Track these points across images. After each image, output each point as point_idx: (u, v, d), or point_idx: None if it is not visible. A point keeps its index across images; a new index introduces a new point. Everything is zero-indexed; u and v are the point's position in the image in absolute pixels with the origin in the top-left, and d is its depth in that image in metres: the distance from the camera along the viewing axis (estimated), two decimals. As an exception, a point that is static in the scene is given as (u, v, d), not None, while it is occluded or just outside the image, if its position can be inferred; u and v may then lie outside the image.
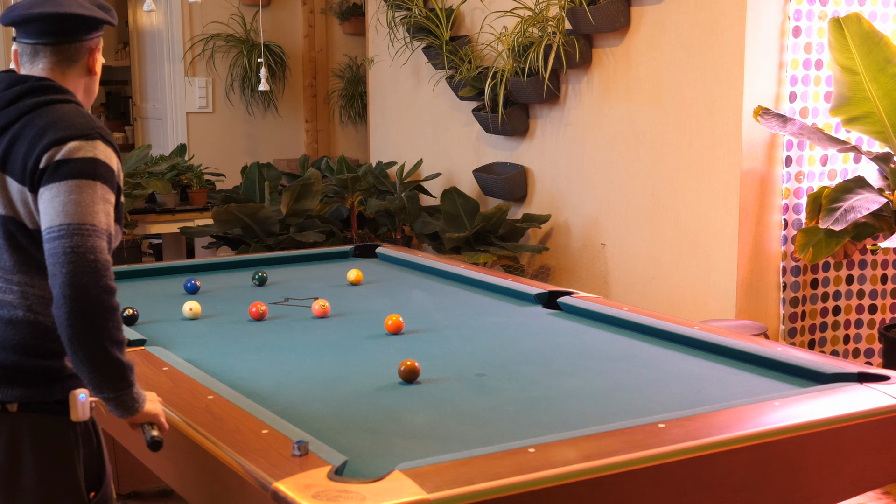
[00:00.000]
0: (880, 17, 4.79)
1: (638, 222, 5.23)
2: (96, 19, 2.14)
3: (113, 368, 1.99)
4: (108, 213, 2.01)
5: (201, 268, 4.32)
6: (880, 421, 2.41)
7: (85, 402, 2.09)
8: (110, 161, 2.04)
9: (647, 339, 3.16)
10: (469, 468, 1.98)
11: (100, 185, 2.00)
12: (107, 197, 2.02)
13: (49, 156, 1.99)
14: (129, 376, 2.04)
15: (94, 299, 1.93)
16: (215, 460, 2.19)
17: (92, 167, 2.00)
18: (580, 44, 5.35)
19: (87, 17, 2.12)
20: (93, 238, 1.95)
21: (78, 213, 1.95)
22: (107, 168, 2.03)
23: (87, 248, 1.93)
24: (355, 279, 3.98)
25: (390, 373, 2.76)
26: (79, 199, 1.97)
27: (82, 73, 2.17)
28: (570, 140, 5.64)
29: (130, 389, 2.05)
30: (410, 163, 6.75)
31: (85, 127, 2.04)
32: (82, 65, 2.16)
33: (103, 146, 2.04)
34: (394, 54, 6.86)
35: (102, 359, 1.96)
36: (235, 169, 7.56)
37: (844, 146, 4.52)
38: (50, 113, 2.06)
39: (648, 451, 2.10)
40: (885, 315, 4.93)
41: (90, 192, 1.98)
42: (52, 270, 1.94)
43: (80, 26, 2.13)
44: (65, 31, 2.12)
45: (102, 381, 2.00)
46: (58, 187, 1.97)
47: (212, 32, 8.00)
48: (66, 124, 2.03)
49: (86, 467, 2.15)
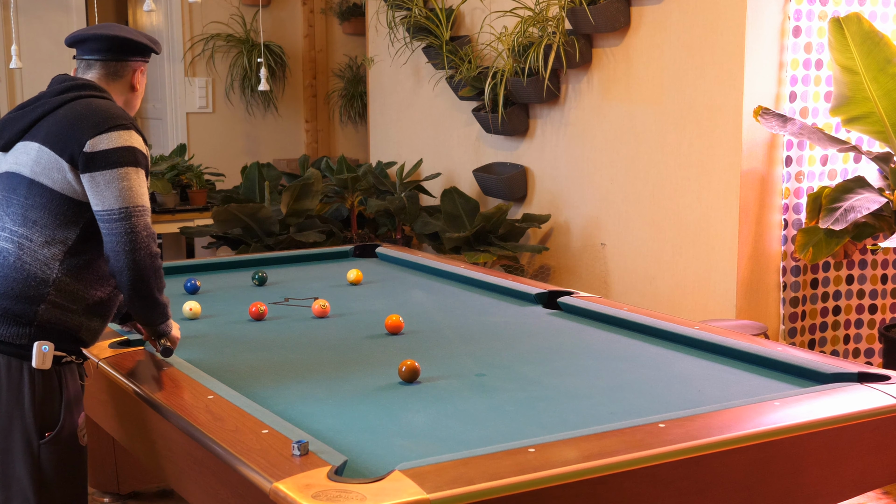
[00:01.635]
0: (880, 17, 4.79)
1: (638, 222, 5.23)
2: (142, 45, 2.64)
3: (160, 308, 2.63)
4: (147, 195, 2.52)
5: (201, 268, 4.32)
6: (880, 421, 2.41)
7: (47, 354, 2.45)
8: (144, 149, 2.54)
9: (647, 339, 3.16)
10: (469, 468, 1.98)
11: (141, 171, 2.50)
12: (145, 181, 2.52)
13: (92, 142, 2.44)
14: (168, 311, 2.68)
15: (149, 266, 2.48)
16: (215, 460, 2.19)
17: (133, 156, 2.48)
18: (580, 44, 5.35)
19: (134, 41, 2.62)
20: (143, 217, 2.47)
21: (131, 198, 2.45)
22: (143, 156, 2.53)
23: (141, 227, 2.46)
24: (355, 279, 3.98)
25: (390, 373, 2.76)
26: (129, 186, 2.45)
27: (125, 88, 2.65)
28: (570, 140, 5.65)
29: (169, 320, 2.71)
30: (410, 163, 6.75)
31: (121, 117, 2.50)
32: (126, 81, 2.64)
33: (137, 136, 2.52)
34: (394, 54, 6.86)
35: (154, 304, 2.58)
36: (235, 169, 7.56)
37: (844, 146, 4.52)
38: (89, 103, 2.51)
39: (648, 451, 2.10)
40: (885, 315, 4.93)
41: (136, 178, 2.48)
42: (114, 246, 2.44)
43: (127, 49, 2.62)
44: (113, 51, 2.61)
45: (154, 318, 2.64)
46: (110, 175, 2.44)
47: (212, 32, 8.00)
48: (106, 116, 2.47)
49: (40, 411, 2.46)
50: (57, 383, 2.49)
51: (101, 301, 2.56)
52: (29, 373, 2.45)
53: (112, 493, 3.92)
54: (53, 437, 2.47)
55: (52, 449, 2.47)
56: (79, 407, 2.55)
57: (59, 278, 2.46)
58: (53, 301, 2.46)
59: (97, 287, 2.53)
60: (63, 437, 2.49)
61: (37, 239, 2.45)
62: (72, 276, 2.48)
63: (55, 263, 2.45)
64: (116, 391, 2.77)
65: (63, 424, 2.48)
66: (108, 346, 2.92)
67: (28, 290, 2.44)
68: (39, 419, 2.46)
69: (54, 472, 2.48)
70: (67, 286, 2.47)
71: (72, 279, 2.48)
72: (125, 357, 2.84)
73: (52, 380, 2.48)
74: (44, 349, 2.44)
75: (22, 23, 7.34)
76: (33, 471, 2.46)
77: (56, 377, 2.48)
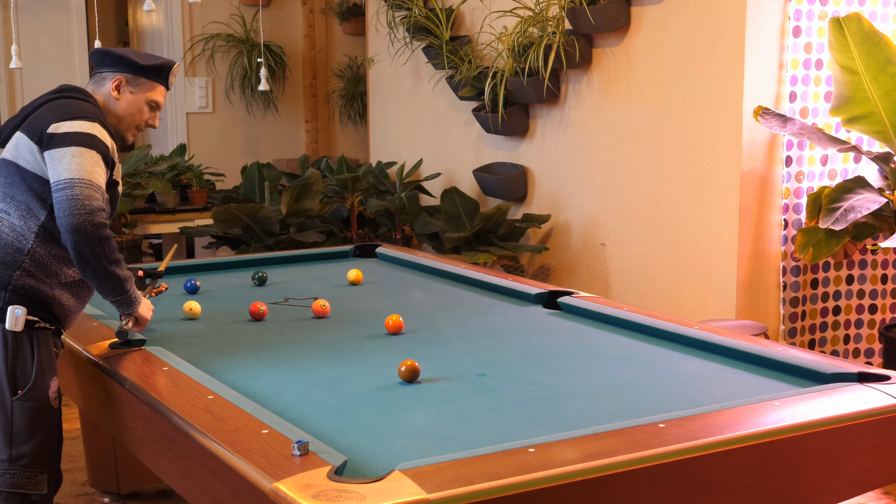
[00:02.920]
0: (880, 17, 4.79)
1: (638, 222, 5.23)
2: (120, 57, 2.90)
3: (112, 280, 2.74)
4: (101, 176, 2.70)
5: (201, 268, 4.32)
6: (880, 421, 2.41)
7: (19, 317, 2.69)
8: (105, 140, 2.77)
9: (647, 339, 3.16)
10: (469, 468, 1.98)
11: (96, 154, 2.71)
12: (101, 164, 2.71)
13: (56, 126, 2.71)
14: (125, 285, 2.78)
15: (91, 232, 2.63)
16: (215, 460, 2.19)
17: (90, 140, 2.72)
18: (580, 44, 5.35)
19: (112, 53, 2.92)
20: (88, 189, 2.65)
21: (77, 171, 2.65)
22: (102, 143, 2.75)
23: (83, 196, 2.63)
24: (355, 279, 3.98)
25: (390, 373, 2.76)
26: (80, 161, 2.67)
27: (107, 97, 2.91)
28: (570, 140, 5.65)
29: (126, 295, 2.81)
30: (410, 163, 6.75)
31: (89, 112, 2.78)
32: (106, 90, 2.91)
33: (100, 128, 2.77)
34: (394, 54, 6.86)
35: (103, 274, 2.71)
36: (235, 169, 7.56)
37: (844, 146, 4.52)
38: (65, 100, 2.82)
39: (648, 451, 2.10)
40: (885, 315, 4.93)
41: (88, 157, 2.69)
42: (58, 213, 2.64)
43: (107, 60, 2.92)
44: (98, 62, 2.95)
45: (106, 290, 2.76)
46: (64, 151, 2.68)
47: (212, 32, 8.00)
48: (74, 109, 2.77)
49: (12, 369, 2.71)
50: (29, 346, 2.73)
51: (75, 281, 2.81)
52: (2, 333, 2.71)
53: (112, 493, 3.92)
54: (25, 395, 2.71)
55: (24, 406, 2.71)
56: (52, 371, 2.78)
57: (34, 248, 2.72)
58: (28, 269, 2.72)
59: (70, 265, 2.78)
60: (34, 397, 2.73)
61: (13, 212, 2.74)
62: (45, 249, 2.73)
63: (31, 235, 2.72)
64: (116, 391, 2.77)
65: (34, 384, 2.72)
66: (108, 346, 2.92)
67: (5, 255, 2.71)
68: (11, 378, 2.71)
69: (25, 428, 2.72)
70: (41, 258, 2.73)
71: (45, 252, 2.74)
72: (125, 357, 2.84)
73: (24, 342, 2.73)
74: (16, 312, 2.70)
75: (22, 23, 7.34)
76: (5, 424, 2.71)
77: (28, 340, 2.73)
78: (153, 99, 2.95)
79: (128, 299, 2.83)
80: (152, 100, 2.95)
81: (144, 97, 2.93)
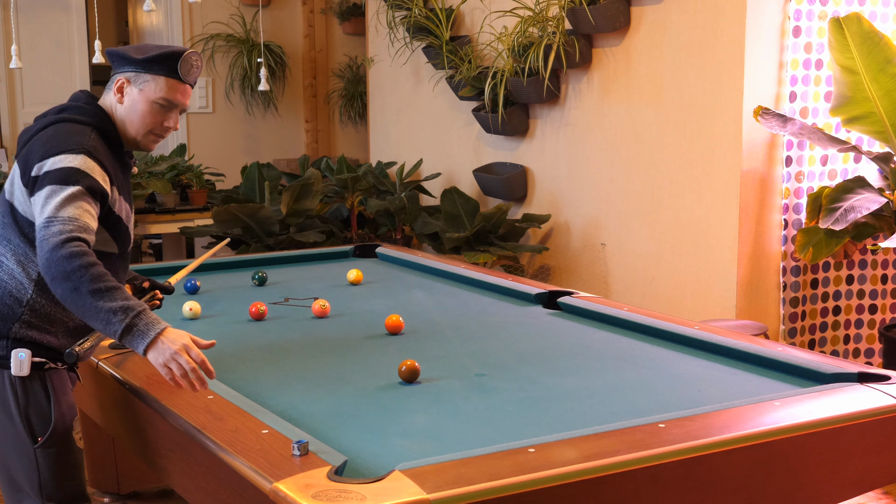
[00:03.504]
0: (880, 17, 4.79)
1: (638, 222, 5.23)
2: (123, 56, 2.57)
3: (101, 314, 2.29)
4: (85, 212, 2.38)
5: (201, 268, 4.31)
6: (880, 421, 2.41)
7: (24, 361, 2.44)
8: (92, 171, 2.43)
9: (647, 339, 3.16)
10: (469, 468, 1.98)
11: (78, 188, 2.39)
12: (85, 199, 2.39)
13: (39, 165, 2.42)
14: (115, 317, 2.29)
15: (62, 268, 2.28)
16: (215, 460, 2.19)
17: (70, 174, 2.39)
18: (580, 44, 5.35)
19: (115, 52, 2.60)
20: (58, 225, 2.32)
21: (52, 210, 2.35)
22: (86, 176, 2.41)
23: (52, 233, 2.31)
24: (355, 279, 3.98)
25: (390, 373, 2.76)
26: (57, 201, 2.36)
27: (114, 99, 2.59)
28: (570, 140, 5.64)
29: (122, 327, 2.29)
30: (410, 163, 6.75)
31: (75, 143, 2.46)
32: (112, 92, 2.59)
33: (86, 159, 2.44)
34: (394, 54, 6.85)
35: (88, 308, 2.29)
36: (235, 169, 7.56)
37: (844, 146, 4.52)
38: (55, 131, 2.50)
39: (648, 451, 2.10)
40: (885, 315, 4.93)
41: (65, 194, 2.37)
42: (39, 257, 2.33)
43: (113, 60, 2.61)
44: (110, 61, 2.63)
45: (97, 325, 2.32)
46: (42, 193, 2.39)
47: (212, 32, 8.00)
48: (60, 141, 2.46)
49: (28, 416, 2.48)
50: (42, 389, 2.49)
51: (82, 324, 2.52)
52: (10, 380, 2.46)
53: (112, 493, 3.92)
54: (46, 441, 2.48)
55: (48, 452, 2.49)
56: (71, 410, 2.54)
57: (34, 298, 2.46)
58: (28, 321, 2.47)
59: None
60: (57, 441, 2.50)
61: (10, 257, 2.48)
62: (46, 297, 2.46)
63: (30, 284, 2.46)
64: (116, 391, 2.77)
65: (55, 428, 2.49)
66: (108, 346, 2.92)
67: (2, 308, 2.46)
68: (28, 425, 2.48)
69: (52, 475, 2.50)
70: (43, 307, 2.47)
71: (47, 300, 2.46)
72: (124, 357, 2.84)
73: (36, 386, 2.48)
74: (20, 356, 2.45)
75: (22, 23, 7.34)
76: (33, 475, 2.49)
77: (40, 382, 2.49)
78: (161, 96, 2.54)
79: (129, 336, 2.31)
80: (160, 97, 2.54)
81: (150, 95, 2.54)
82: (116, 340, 2.32)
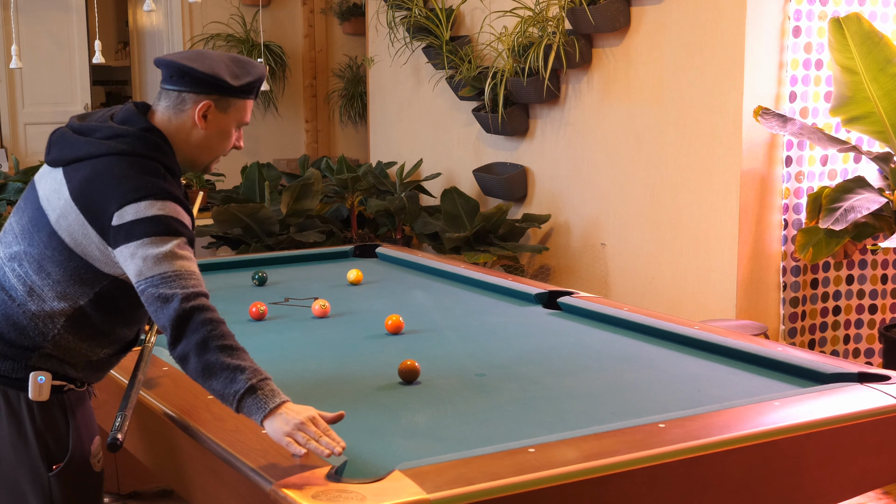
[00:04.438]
0: (880, 17, 4.79)
1: (638, 222, 5.23)
2: (204, 77, 2.29)
3: (227, 371, 2.12)
4: (191, 260, 2.26)
5: (201, 268, 4.30)
6: (880, 421, 2.41)
7: (43, 384, 2.26)
8: (183, 218, 2.26)
9: (647, 339, 3.15)
10: (469, 468, 1.98)
11: (182, 239, 2.24)
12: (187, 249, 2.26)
13: (120, 214, 2.19)
14: (242, 375, 2.11)
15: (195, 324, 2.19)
16: (215, 460, 2.19)
17: (167, 225, 2.21)
18: (580, 44, 5.35)
19: (194, 70, 2.29)
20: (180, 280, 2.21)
21: (162, 264, 2.19)
22: (181, 225, 2.24)
23: (178, 287, 2.21)
24: (355, 279, 3.98)
25: (390, 373, 2.76)
26: (148, 255, 2.18)
27: (189, 123, 2.32)
28: (570, 140, 5.64)
29: (246, 386, 2.10)
30: (410, 163, 6.75)
31: (155, 188, 2.23)
32: (189, 116, 2.31)
33: (169, 203, 2.23)
34: (394, 54, 6.86)
35: (213, 364, 2.13)
36: (235, 169, 7.56)
37: (844, 146, 4.52)
38: (120, 167, 2.24)
39: (648, 451, 2.10)
40: (885, 315, 4.93)
41: (168, 247, 2.21)
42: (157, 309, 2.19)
43: (189, 79, 2.29)
44: (175, 79, 2.31)
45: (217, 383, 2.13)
46: (138, 243, 2.18)
47: (212, 32, 7.99)
48: (135, 184, 2.21)
49: (44, 442, 2.29)
50: (61, 412, 2.32)
51: (106, 357, 2.39)
52: (27, 403, 2.29)
53: (112, 492, 3.92)
54: (63, 469, 2.32)
55: (63, 480, 2.32)
56: (90, 433, 2.39)
57: (59, 335, 2.28)
58: (48, 353, 2.29)
59: (104, 346, 2.36)
60: (74, 468, 2.33)
61: (48, 292, 2.26)
62: (74, 334, 2.29)
63: (60, 319, 2.27)
64: (115, 391, 2.77)
65: (73, 455, 2.33)
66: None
67: (23, 339, 2.27)
68: (45, 451, 2.30)
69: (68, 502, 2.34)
70: (67, 343, 2.29)
71: (74, 337, 2.30)
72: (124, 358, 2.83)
73: (55, 410, 2.31)
74: (39, 380, 2.27)
75: (22, 23, 7.34)
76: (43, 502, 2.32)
77: (59, 405, 2.32)
78: (244, 120, 2.37)
79: (257, 394, 2.11)
80: (243, 120, 2.37)
81: (237, 119, 2.36)
82: (232, 404, 2.11)
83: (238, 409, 2.10)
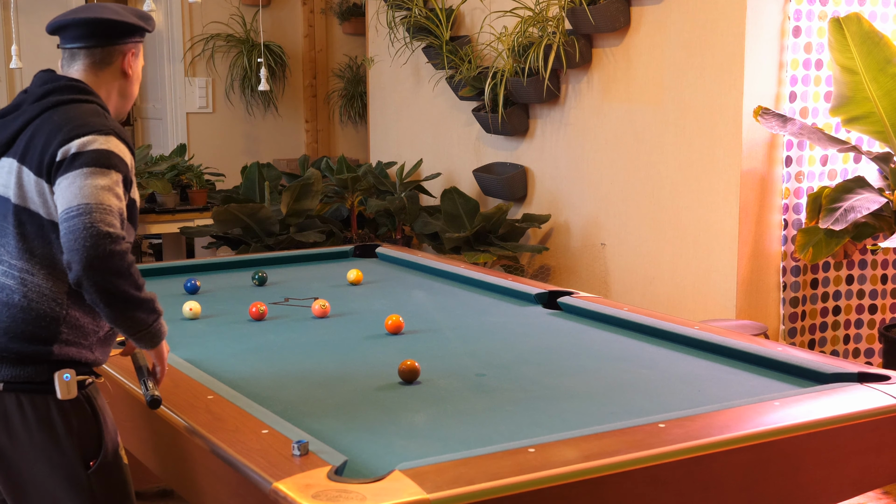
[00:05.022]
0: (880, 17, 4.79)
1: (638, 222, 5.23)
2: (129, 25, 2.32)
3: (145, 305, 2.20)
4: (119, 197, 2.18)
5: (201, 268, 4.32)
6: (880, 421, 2.41)
7: (70, 382, 2.24)
8: (125, 156, 2.23)
9: (647, 339, 3.16)
10: (469, 468, 1.99)
11: (114, 174, 2.18)
12: (120, 187, 2.19)
13: (65, 150, 2.17)
14: (152, 314, 2.23)
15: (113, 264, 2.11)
16: (215, 460, 2.19)
17: (107, 158, 2.18)
18: (580, 44, 5.35)
19: (119, 22, 2.30)
20: (108, 216, 2.12)
21: (94, 195, 2.12)
22: (121, 162, 2.21)
23: (95, 221, 2.10)
24: (355, 279, 3.98)
25: (390, 373, 2.76)
26: (94, 183, 2.14)
27: (116, 75, 2.35)
28: (570, 140, 5.65)
29: (156, 323, 2.25)
30: (410, 163, 6.75)
31: (100, 124, 2.21)
32: (116, 68, 2.34)
33: (116, 141, 2.22)
34: (394, 54, 6.86)
35: (130, 307, 2.17)
36: (235, 169, 7.56)
37: (844, 146, 4.52)
38: (68, 110, 2.24)
39: (648, 451, 2.10)
40: (885, 315, 4.93)
41: (105, 179, 2.16)
42: (71, 245, 2.10)
43: (113, 31, 2.31)
44: (97, 36, 2.31)
45: (131, 327, 2.21)
46: (74, 175, 2.14)
47: (212, 32, 7.99)
48: (82, 122, 2.21)
49: (80, 439, 2.27)
50: (89, 408, 2.30)
51: (110, 332, 2.38)
52: (57, 405, 2.24)
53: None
54: (99, 466, 2.29)
55: (100, 476, 2.30)
56: (114, 425, 2.39)
57: (69, 314, 2.24)
58: (66, 339, 2.25)
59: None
60: (108, 462, 2.32)
61: (38, 272, 2.22)
62: (81, 309, 2.26)
63: (63, 297, 2.23)
64: (115, 391, 2.77)
65: (106, 449, 2.31)
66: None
67: (39, 330, 2.22)
68: (80, 450, 2.27)
69: (106, 498, 2.31)
70: (78, 321, 2.26)
71: (82, 313, 2.26)
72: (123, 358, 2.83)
73: (83, 406, 2.29)
74: (65, 378, 2.23)
75: (22, 23, 7.33)
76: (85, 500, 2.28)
77: (86, 401, 2.30)
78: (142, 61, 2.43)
79: (156, 330, 2.27)
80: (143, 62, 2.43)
81: (141, 61, 2.41)
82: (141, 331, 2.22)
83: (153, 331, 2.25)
